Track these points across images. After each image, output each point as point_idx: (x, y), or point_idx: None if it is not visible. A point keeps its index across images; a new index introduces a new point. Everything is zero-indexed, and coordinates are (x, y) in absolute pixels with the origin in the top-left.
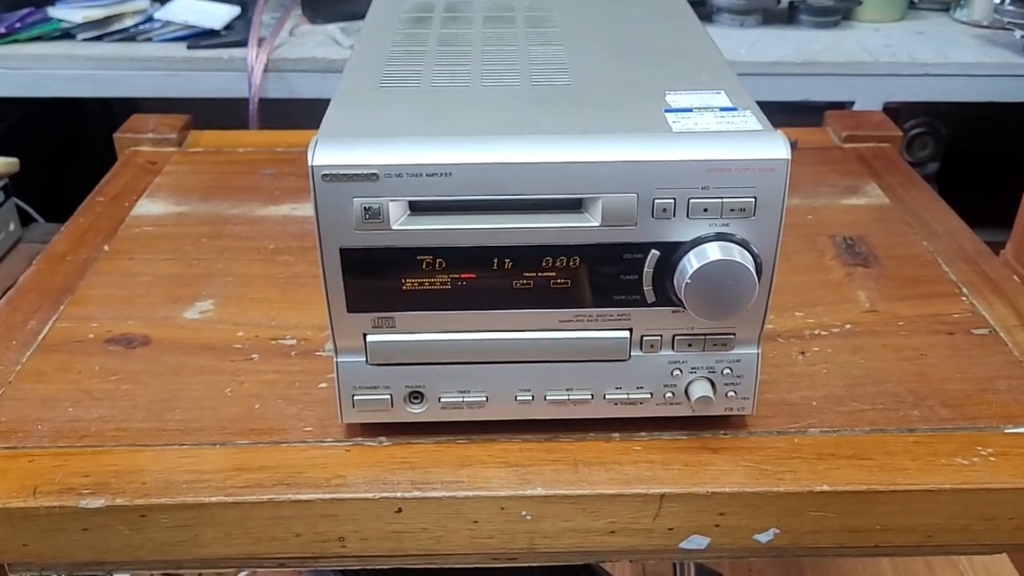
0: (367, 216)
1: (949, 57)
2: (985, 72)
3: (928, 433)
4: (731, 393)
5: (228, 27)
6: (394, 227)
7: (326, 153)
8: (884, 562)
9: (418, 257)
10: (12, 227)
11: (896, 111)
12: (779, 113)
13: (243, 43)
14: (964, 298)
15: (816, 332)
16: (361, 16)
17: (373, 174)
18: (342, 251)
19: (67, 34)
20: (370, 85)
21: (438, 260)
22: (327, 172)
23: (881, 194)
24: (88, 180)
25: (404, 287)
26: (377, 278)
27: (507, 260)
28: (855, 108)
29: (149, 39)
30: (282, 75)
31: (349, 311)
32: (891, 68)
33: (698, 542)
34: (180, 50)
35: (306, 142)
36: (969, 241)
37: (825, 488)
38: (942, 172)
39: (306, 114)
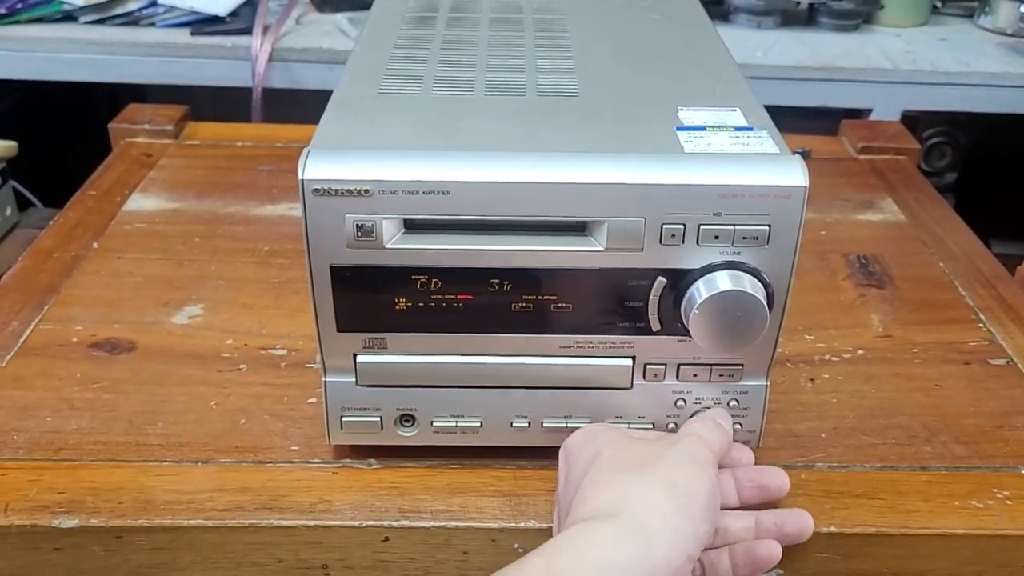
0: (359, 234)
1: (972, 66)
2: (1009, 83)
3: (941, 472)
4: (737, 426)
5: (233, 14)
6: (387, 246)
7: (317, 166)
8: None
9: (412, 277)
10: (9, 212)
11: (915, 119)
12: (794, 119)
13: (248, 31)
14: (981, 325)
15: (826, 357)
16: (369, 6)
17: (366, 190)
18: (332, 269)
19: (69, 16)
20: (368, 91)
21: (433, 280)
22: (318, 187)
23: (897, 210)
24: (89, 165)
25: (397, 307)
26: (369, 297)
27: (505, 282)
28: (873, 116)
29: (152, 24)
30: (287, 65)
31: (339, 330)
32: (911, 76)
33: None
34: (183, 36)
35: (306, 137)
36: (987, 263)
37: (832, 529)
38: (960, 183)
39: (310, 105)
